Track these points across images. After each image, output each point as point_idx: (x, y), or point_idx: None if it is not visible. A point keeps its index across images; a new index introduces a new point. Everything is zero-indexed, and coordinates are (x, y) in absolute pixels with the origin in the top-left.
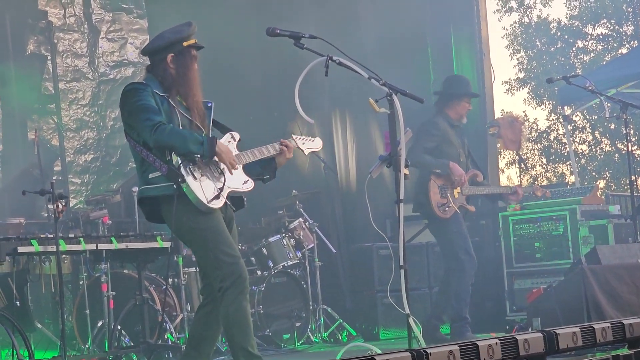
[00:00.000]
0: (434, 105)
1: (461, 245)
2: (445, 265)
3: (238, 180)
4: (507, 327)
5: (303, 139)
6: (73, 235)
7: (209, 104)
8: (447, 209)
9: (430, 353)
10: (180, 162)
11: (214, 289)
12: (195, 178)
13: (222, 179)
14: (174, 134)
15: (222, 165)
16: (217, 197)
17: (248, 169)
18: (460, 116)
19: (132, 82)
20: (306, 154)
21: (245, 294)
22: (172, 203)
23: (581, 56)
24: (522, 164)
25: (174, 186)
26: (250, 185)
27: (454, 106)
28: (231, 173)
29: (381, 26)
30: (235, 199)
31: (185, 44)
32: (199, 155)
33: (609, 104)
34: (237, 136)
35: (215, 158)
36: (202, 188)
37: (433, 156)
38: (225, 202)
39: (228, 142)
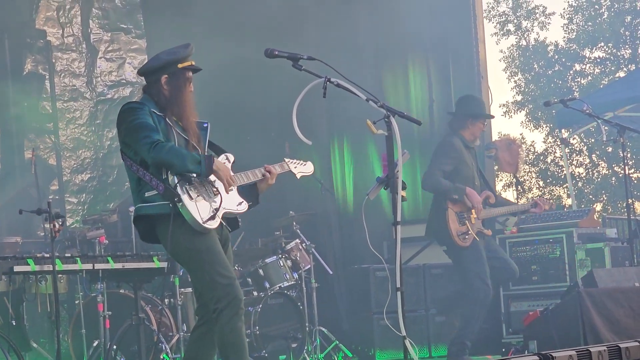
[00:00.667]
0: (448, 126)
1: (478, 274)
2: (455, 288)
3: (233, 202)
4: (504, 349)
5: (295, 162)
6: (69, 255)
7: (205, 125)
8: (466, 237)
9: None
10: (176, 181)
11: (209, 309)
12: (191, 198)
13: (218, 200)
14: (173, 151)
15: (218, 186)
16: (212, 217)
17: None
18: (474, 137)
19: (129, 101)
20: (298, 177)
21: (240, 315)
22: (168, 222)
23: (578, 79)
24: (519, 187)
25: (170, 205)
26: (244, 207)
27: (469, 127)
28: (227, 192)
29: (379, 48)
30: (231, 219)
31: (180, 65)
32: (195, 175)
33: (606, 127)
34: (231, 158)
35: (212, 177)
36: (198, 208)
37: (450, 179)
38: (221, 223)
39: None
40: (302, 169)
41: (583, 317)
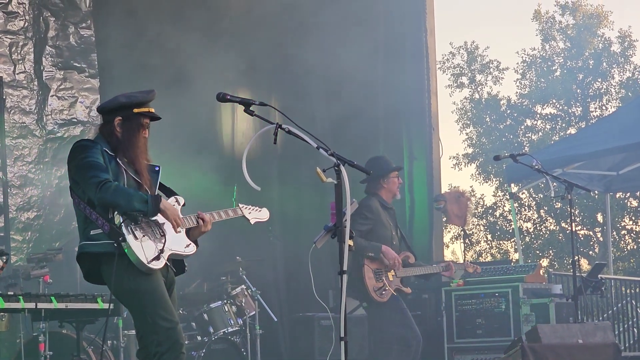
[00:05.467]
0: (365, 192)
1: (403, 323)
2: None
3: (180, 244)
4: None
5: (250, 208)
6: (12, 293)
7: (157, 168)
8: (383, 292)
9: None
10: (122, 221)
11: (150, 352)
12: (136, 238)
13: (163, 240)
14: (119, 191)
15: (165, 227)
16: (157, 257)
17: None
18: (393, 194)
19: (82, 138)
20: (252, 223)
21: None
22: (112, 262)
23: (529, 134)
24: (467, 240)
25: (115, 245)
26: (192, 249)
27: (384, 186)
28: (176, 231)
29: (332, 97)
30: (177, 262)
31: (136, 110)
32: (142, 214)
33: (554, 184)
34: (181, 200)
35: (159, 218)
36: (143, 248)
37: (366, 239)
38: (167, 265)
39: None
40: (257, 215)
41: None
